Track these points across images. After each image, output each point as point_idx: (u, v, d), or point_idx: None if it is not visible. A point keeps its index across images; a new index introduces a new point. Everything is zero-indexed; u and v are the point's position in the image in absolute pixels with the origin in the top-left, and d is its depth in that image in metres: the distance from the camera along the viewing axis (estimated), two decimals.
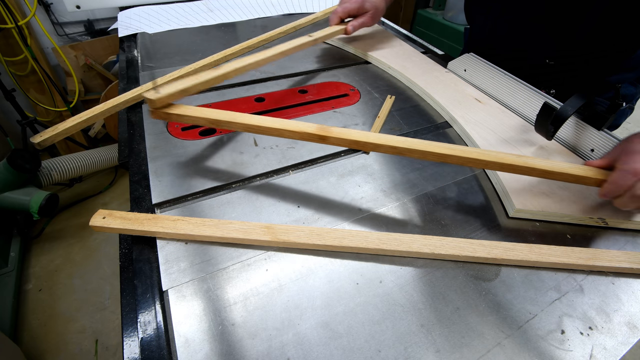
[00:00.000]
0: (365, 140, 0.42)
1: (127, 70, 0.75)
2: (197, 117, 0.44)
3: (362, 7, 0.76)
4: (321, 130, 0.43)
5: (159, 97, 0.43)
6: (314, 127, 0.43)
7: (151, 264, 0.39)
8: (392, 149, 0.42)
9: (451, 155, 0.41)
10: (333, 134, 0.43)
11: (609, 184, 0.39)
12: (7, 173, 1.17)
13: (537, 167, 0.41)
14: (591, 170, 0.41)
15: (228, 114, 0.44)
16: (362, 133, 0.43)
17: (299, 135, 0.43)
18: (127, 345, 0.33)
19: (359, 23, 0.76)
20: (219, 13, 1.02)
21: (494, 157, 0.41)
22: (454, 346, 0.33)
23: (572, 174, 0.41)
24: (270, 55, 0.61)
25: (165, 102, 0.44)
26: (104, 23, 1.66)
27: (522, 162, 0.41)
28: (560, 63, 0.67)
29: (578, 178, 0.41)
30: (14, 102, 1.45)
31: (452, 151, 0.41)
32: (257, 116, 0.44)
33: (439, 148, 0.41)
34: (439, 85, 0.69)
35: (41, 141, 0.52)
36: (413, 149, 0.42)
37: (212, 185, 0.48)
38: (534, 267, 0.40)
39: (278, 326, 0.34)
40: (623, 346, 0.34)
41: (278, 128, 0.43)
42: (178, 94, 0.45)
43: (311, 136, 0.43)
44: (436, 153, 0.41)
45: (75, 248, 1.49)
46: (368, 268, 0.39)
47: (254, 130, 0.44)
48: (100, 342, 1.20)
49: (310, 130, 0.43)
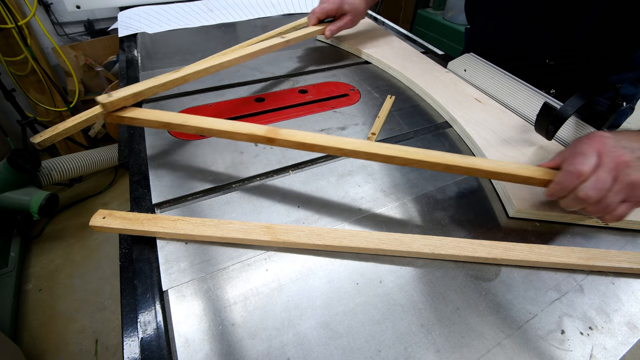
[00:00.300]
0: (312, 142, 0.42)
1: (127, 70, 0.75)
2: (150, 119, 0.45)
3: (340, 8, 0.74)
4: (270, 132, 0.42)
5: (111, 100, 0.44)
6: (263, 129, 0.43)
7: (151, 264, 0.39)
8: (338, 150, 0.42)
9: (397, 157, 0.41)
10: (281, 136, 0.42)
11: (554, 184, 0.39)
12: (7, 173, 1.17)
13: (483, 168, 0.40)
14: (538, 171, 0.41)
15: (180, 117, 0.44)
16: (310, 135, 0.43)
17: (248, 137, 0.43)
18: (127, 345, 0.33)
19: (336, 27, 0.75)
20: (219, 13, 1.02)
21: (439, 158, 0.41)
22: (454, 346, 0.33)
23: (519, 175, 0.41)
24: (236, 57, 0.59)
25: (118, 105, 0.45)
26: (104, 23, 1.66)
27: (468, 163, 0.41)
28: (560, 63, 0.67)
29: (525, 179, 0.41)
30: (14, 102, 1.45)
31: (398, 152, 0.41)
32: (209, 119, 0.44)
33: (385, 150, 0.41)
34: (439, 85, 0.69)
35: (41, 141, 0.52)
36: (358, 151, 0.41)
37: (212, 185, 0.48)
38: (534, 267, 0.40)
39: (278, 326, 0.34)
40: (623, 346, 0.34)
41: (229, 130, 0.43)
42: (131, 98, 0.46)
43: (260, 138, 0.43)
44: (382, 155, 0.41)
45: (75, 248, 1.49)
46: (368, 268, 0.39)
47: (206, 133, 0.44)
48: (100, 342, 1.20)
49: (259, 132, 0.43)
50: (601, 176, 0.35)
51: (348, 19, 0.75)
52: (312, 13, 0.75)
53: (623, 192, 0.36)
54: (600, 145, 0.37)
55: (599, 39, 0.61)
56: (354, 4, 0.75)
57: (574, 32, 0.62)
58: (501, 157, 0.52)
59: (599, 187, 0.35)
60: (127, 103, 0.46)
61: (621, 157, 0.36)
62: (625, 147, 0.37)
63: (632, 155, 0.36)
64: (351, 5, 0.74)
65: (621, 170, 0.36)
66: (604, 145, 0.37)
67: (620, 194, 0.36)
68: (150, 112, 0.45)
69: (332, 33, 0.75)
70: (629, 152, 0.36)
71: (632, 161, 0.36)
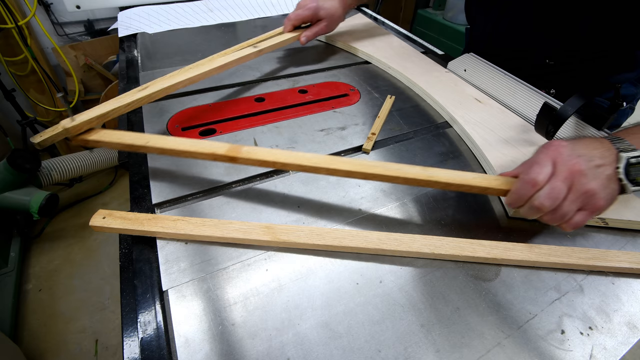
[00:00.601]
0: (273, 159, 0.42)
1: (127, 70, 0.75)
2: (113, 142, 0.45)
3: (316, 14, 0.73)
4: (231, 151, 0.43)
5: (74, 124, 0.44)
6: (224, 148, 0.43)
7: (151, 264, 0.39)
8: (299, 167, 0.43)
9: (356, 172, 0.42)
10: (242, 155, 0.43)
11: (511, 193, 0.39)
12: (7, 173, 1.17)
13: (441, 180, 0.41)
14: (496, 181, 0.41)
15: (142, 139, 0.45)
16: (270, 152, 0.43)
17: (210, 157, 0.43)
18: (127, 345, 0.33)
19: (312, 33, 0.74)
20: (219, 13, 1.02)
21: (398, 171, 0.41)
22: (454, 346, 0.33)
23: (476, 186, 0.41)
24: (206, 71, 0.58)
25: (83, 128, 0.45)
26: (104, 23, 1.66)
27: (427, 175, 0.41)
28: (560, 63, 0.67)
29: (483, 189, 0.41)
30: (14, 102, 1.45)
31: (357, 167, 0.41)
32: (171, 139, 0.44)
33: (345, 164, 0.42)
34: (439, 85, 0.69)
35: (41, 141, 0.52)
36: (319, 167, 0.42)
37: (212, 186, 0.48)
38: (533, 267, 0.40)
39: (278, 326, 0.34)
40: (623, 346, 0.34)
41: (190, 150, 0.43)
42: (96, 120, 0.46)
43: (222, 157, 0.43)
44: (342, 170, 0.42)
45: (75, 248, 1.49)
46: (368, 268, 0.39)
47: (167, 153, 0.44)
48: (100, 342, 1.20)
49: (220, 151, 0.43)
50: (555, 185, 0.35)
51: (323, 25, 0.74)
52: (287, 20, 0.73)
53: (579, 201, 0.36)
54: (556, 154, 0.37)
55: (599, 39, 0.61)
56: (330, 10, 0.74)
57: (574, 32, 0.62)
58: (501, 157, 0.52)
59: (553, 196, 0.35)
60: (92, 125, 0.46)
61: (576, 165, 0.35)
62: (582, 155, 0.36)
63: (588, 164, 0.36)
64: (327, 10, 0.73)
65: (576, 178, 0.35)
66: (560, 155, 0.36)
67: (576, 202, 0.36)
68: (113, 135, 0.46)
69: (308, 39, 0.74)
70: (585, 160, 0.36)
71: (587, 170, 0.35)
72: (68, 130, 0.44)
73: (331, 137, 0.57)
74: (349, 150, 0.55)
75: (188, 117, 0.60)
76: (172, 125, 0.58)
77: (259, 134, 0.57)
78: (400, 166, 0.42)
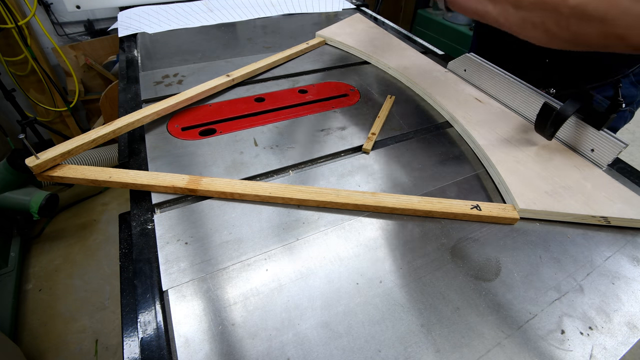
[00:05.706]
0: (231, 190, 0.45)
1: (127, 70, 0.75)
2: (78, 177, 0.47)
3: None
4: (191, 183, 0.45)
5: (38, 163, 0.45)
6: (184, 180, 0.46)
7: (151, 264, 0.39)
8: (256, 197, 0.45)
9: (309, 200, 0.45)
10: (202, 187, 0.45)
11: None
12: (7, 173, 1.17)
13: (388, 205, 0.44)
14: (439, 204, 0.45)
15: (105, 174, 0.46)
16: (229, 183, 0.46)
17: (170, 189, 0.45)
18: (127, 345, 0.33)
19: None
20: (219, 13, 1.02)
21: (349, 198, 0.45)
22: (454, 346, 0.33)
23: (420, 209, 0.45)
24: (175, 103, 0.59)
25: (47, 166, 0.47)
26: (104, 23, 1.66)
27: (375, 201, 0.45)
28: (561, 63, 0.67)
29: (427, 212, 0.45)
30: (14, 102, 1.45)
31: (310, 195, 0.45)
32: (132, 172, 0.47)
33: (299, 193, 0.45)
34: (439, 85, 0.69)
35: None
36: (276, 197, 0.45)
37: None
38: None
39: (278, 326, 0.34)
40: (623, 346, 0.34)
41: (150, 184, 0.45)
42: (60, 157, 0.48)
43: (182, 190, 0.45)
44: (295, 199, 0.45)
45: (75, 248, 1.49)
46: (368, 268, 0.39)
47: (130, 187, 0.46)
48: (100, 342, 1.20)
49: (180, 184, 0.45)
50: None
51: None
52: None
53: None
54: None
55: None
56: None
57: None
58: (503, 157, 0.52)
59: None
60: (56, 162, 0.47)
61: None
62: None
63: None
64: None
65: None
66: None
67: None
68: (77, 170, 0.47)
69: None
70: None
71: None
72: (33, 168, 0.45)
73: (331, 137, 0.57)
74: (349, 150, 0.55)
75: (188, 117, 0.60)
76: (172, 125, 0.58)
77: (259, 134, 0.57)
78: (350, 194, 0.45)
